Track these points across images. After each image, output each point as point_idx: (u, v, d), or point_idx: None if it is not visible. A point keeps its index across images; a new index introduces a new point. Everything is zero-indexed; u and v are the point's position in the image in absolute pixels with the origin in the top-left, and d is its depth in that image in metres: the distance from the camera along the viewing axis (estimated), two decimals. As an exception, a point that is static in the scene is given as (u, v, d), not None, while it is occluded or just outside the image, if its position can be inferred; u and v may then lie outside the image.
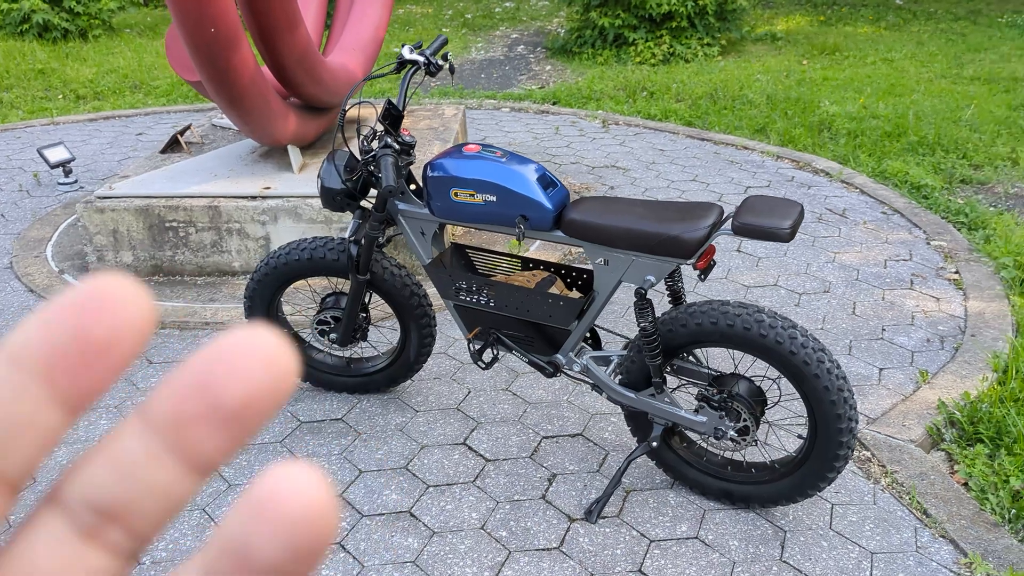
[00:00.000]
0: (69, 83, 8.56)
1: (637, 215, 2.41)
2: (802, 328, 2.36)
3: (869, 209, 5.24)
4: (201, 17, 3.31)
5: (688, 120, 7.27)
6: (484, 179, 2.51)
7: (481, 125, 7.16)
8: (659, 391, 2.55)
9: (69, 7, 10.24)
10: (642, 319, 2.47)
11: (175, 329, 3.79)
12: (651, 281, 2.45)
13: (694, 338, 2.45)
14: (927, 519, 2.64)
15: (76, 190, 5.55)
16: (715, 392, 2.49)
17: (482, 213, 2.55)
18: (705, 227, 2.32)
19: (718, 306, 2.41)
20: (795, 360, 2.33)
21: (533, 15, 13.22)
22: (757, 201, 2.33)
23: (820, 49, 10.17)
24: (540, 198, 2.47)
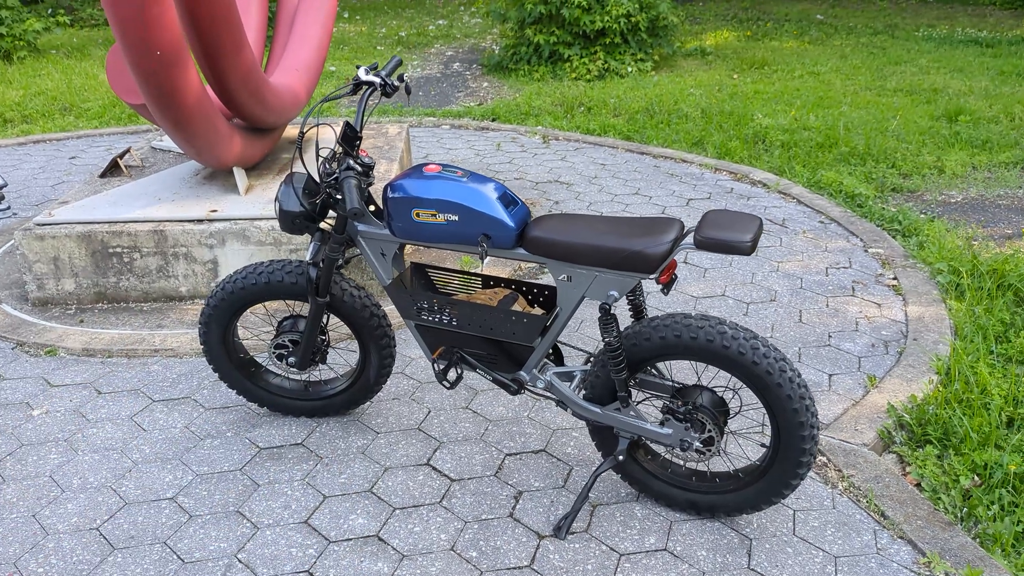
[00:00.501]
0: (-7, 106, 8.29)
1: (599, 231, 2.44)
2: (763, 339, 2.42)
3: (807, 219, 5.39)
4: (147, 41, 3.25)
5: (626, 135, 7.38)
6: (446, 199, 2.51)
7: (422, 143, 7.16)
8: (625, 405, 2.58)
9: (-9, 28, 9.93)
10: (607, 334, 2.49)
11: (123, 357, 3.69)
12: (614, 296, 2.48)
13: (658, 351, 2.48)
14: (885, 521, 2.71)
15: (9, 217, 5.37)
16: (679, 404, 2.52)
17: (444, 232, 2.55)
18: (667, 242, 2.36)
19: (681, 319, 2.45)
20: (757, 370, 2.38)
21: (467, 32, 13.28)
22: (718, 215, 2.38)
23: (749, 63, 10.43)
24: (502, 216, 2.49)
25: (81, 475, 2.91)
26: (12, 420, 3.23)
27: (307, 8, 5.21)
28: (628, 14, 9.66)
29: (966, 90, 8.70)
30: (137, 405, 3.32)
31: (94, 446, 3.07)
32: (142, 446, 3.07)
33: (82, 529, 2.64)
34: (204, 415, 3.25)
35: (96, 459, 2.99)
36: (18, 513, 2.72)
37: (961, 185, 6.01)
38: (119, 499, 2.78)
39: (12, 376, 3.54)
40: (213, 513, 2.71)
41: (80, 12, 14.13)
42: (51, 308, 4.13)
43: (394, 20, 14.48)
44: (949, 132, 7.09)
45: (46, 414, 3.26)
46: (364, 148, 5.15)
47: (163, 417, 3.25)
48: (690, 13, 15.37)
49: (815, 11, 15.57)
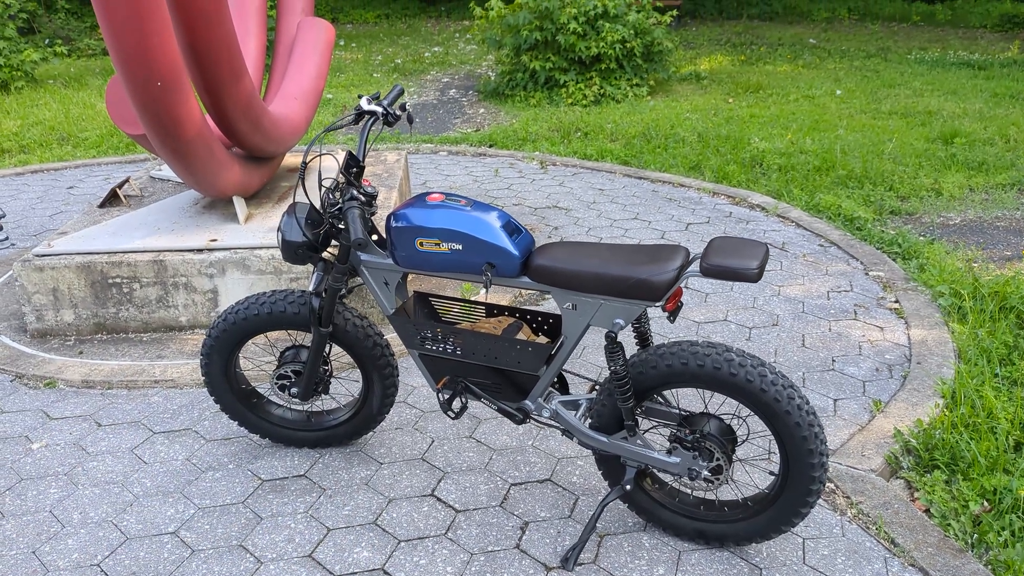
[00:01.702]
0: (-9, 136, 8.29)
1: (604, 259, 2.43)
2: (771, 366, 2.40)
3: (807, 242, 5.39)
4: (148, 71, 3.25)
5: (624, 159, 7.40)
6: (449, 228, 2.50)
7: (421, 169, 7.17)
8: (632, 434, 2.56)
9: (-12, 59, 9.97)
10: (613, 362, 2.48)
11: (123, 389, 3.66)
12: (620, 324, 2.46)
13: (665, 379, 2.46)
14: (895, 548, 2.69)
15: (7, 247, 5.36)
16: (687, 432, 2.50)
17: (448, 262, 2.54)
18: (673, 269, 2.35)
19: (687, 347, 2.43)
20: (765, 398, 2.36)
21: (462, 59, 13.35)
22: (723, 242, 2.37)
23: (744, 87, 10.49)
24: (506, 245, 2.48)
25: (81, 510, 2.87)
26: (11, 454, 3.19)
27: (305, 37, 5.23)
28: (623, 40, 9.72)
29: (960, 112, 8.75)
30: (138, 437, 3.29)
31: (94, 480, 3.03)
32: (143, 479, 3.03)
33: (83, 565, 2.60)
34: (205, 447, 3.22)
35: (97, 493, 2.96)
36: (18, 549, 2.68)
37: (959, 207, 6.02)
38: (120, 534, 2.75)
39: (11, 409, 3.51)
40: (216, 547, 2.68)
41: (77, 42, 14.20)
42: (50, 339, 4.11)
43: (390, 47, 14.56)
44: (945, 154, 7.12)
45: (45, 447, 3.23)
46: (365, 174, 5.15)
47: (164, 449, 3.21)
48: (684, 38, 15.49)
49: (808, 35, 15.70)
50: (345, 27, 18.34)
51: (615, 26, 9.60)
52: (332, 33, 5.33)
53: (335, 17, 19.20)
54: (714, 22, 18.21)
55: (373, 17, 19.70)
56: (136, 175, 5.32)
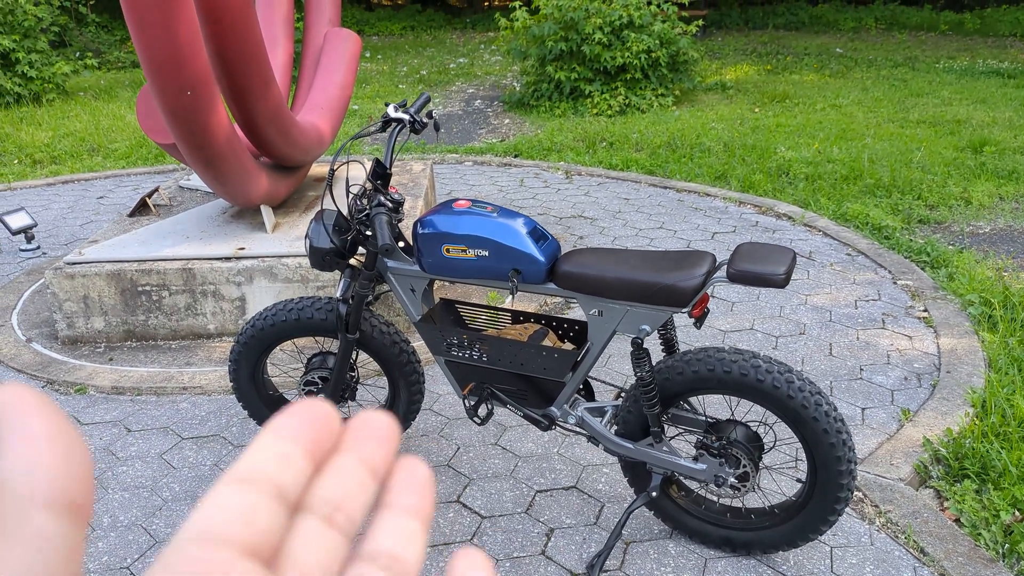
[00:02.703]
0: (24, 148, 8.43)
1: (631, 265, 2.43)
2: (798, 372, 2.39)
3: (834, 251, 5.36)
4: (178, 81, 3.30)
5: (649, 169, 7.40)
6: (476, 234, 2.51)
7: (446, 180, 7.21)
8: (658, 440, 2.55)
9: (22, 71, 10.14)
10: (639, 368, 2.47)
11: (152, 396, 3.70)
12: (646, 330, 2.46)
13: (691, 386, 2.46)
14: (925, 558, 2.66)
15: (39, 256, 5.44)
16: (713, 439, 2.49)
17: (475, 268, 2.55)
18: (700, 275, 2.34)
19: (714, 353, 2.43)
20: (793, 404, 2.35)
21: (487, 70, 13.41)
22: (750, 248, 2.37)
23: (770, 97, 10.45)
24: (533, 251, 2.48)
25: (111, 513, 2.90)
26: (43, 458, 3.24)
27: (332, 48, 5.28)
28: (648, 50, 9.72)
29: (990, 121, 8.66)
30: (167, 443, 3.33)
31: (124, 484, 3.07)
32: (172, 484, 3.06)
33: (113, 568, 2.63)
34: (233, 452, 3.25)
35: (126, 497, 2.99)
36: (49, 552, 2.71)
37: (988, 216, 5.96)
38: (149, 537, 2.77)
39: (43, 414, 3.56)
40: (243, 551, 2.70)
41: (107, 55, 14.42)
42: (81, 346, 4.17)
43: (415, 59, 14.66)
44: (975, 163, 7.05)
45: (76, 452, 3.27)
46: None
47: (192, 455, 3.24)
48: (710, 48, 15.47)
49: (834, 44, 15.62)
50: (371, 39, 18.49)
51: (640, 36, 9.61)
52: (359, 44, 5.38)
53: (361, 29, 19.36)
54: (740, 32, 18.17)
55: (399, 29, 19.85)
56: (165, 185, 5.39)
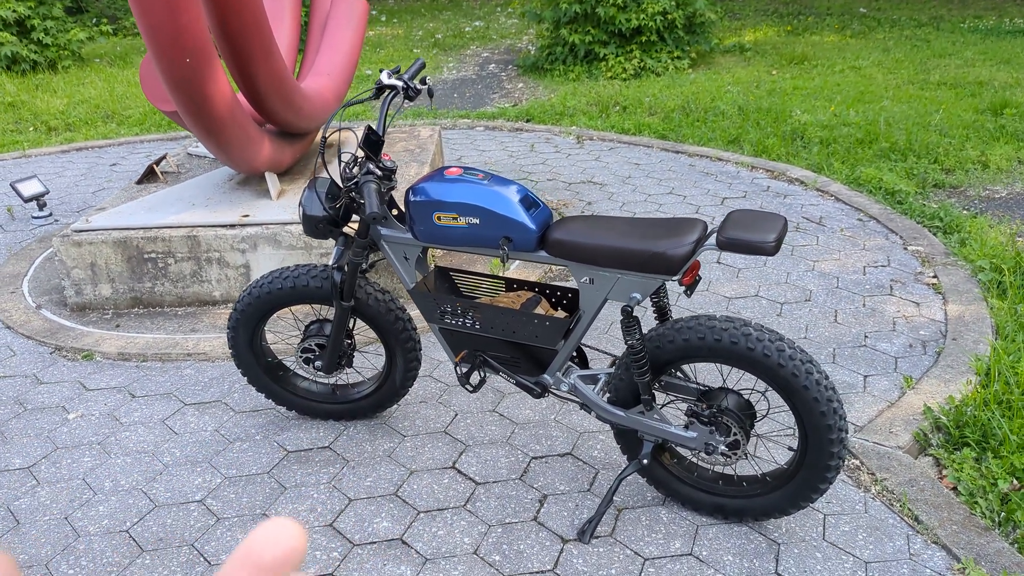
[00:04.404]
0: (40, 115, 8.48)
1: (621, 233, 2.41)
2: (789, 340, 2.37)
3: (845, 216, 5.29)
4: (176, 48, 3.30)
5: (662, 133, 7.32)
6: (466, 202, 2.50)
7: (456, 145, 7.17)
8: (648, 408, 2.55)
9: (37, 39, 10.16)
10: (629, 336, 2.47)
11: (157, 361, 3.75)
12: (637, 298, 2.45)
13: (682, 354, 2.45)
14: (919, 526, 2.65)
15: (51, 223, 5.49)
16: (704, 407, 2.49)
17: (465, 236, 2.54)
18: (690, 243, 2.32)
19: (705, 321, 2.41)
20: (783, 372, 2.34)
21: (503, 33, 13.28)
22: (741, 215, 2.34)
23: (788, 59, 10.29)
24: (523, 219, 2.47)
25: (113, 478, 2.95)
26: (48, 423, 3.29)
27: (338, 14, 5.24)
28: (664, 12, 9.58)
29: (1012, 82, 8.48)
30: (169, 409, 3.37)
31: (126, 449, 3.12)
32: (173, 449, 3.11)
33: (112, 531, 2.68)
34: (234, 418, 3.29)
35: (128, 462, 3.04)
36: (51, 515, 2.77)
37: (1006, 180, 5.86)
38: (149, 501, 2.82)
39: (49, 380, 3.61)
40: (240, 516, 2.74)
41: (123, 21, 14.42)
42: (89, 313, 4.21)
43: (430, 23, 14.54)
44: (994, 126, 6.92)
45: (81, 417, 3.32)
46: (395, 151, 5.17)
47: (194, 420, 3.29)
48: (729, 9, 15.21)
49: (858, 4, 15.32)
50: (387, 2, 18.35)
51: (656, -2, 9.47)
52: (365, 8, 5.34)
53: (378, -7, 19.20)
54: (761, -8, 17.83)
55: (415, -8, 19.65)
56: (173, 152, 5.41)
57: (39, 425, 3.29)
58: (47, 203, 5.62)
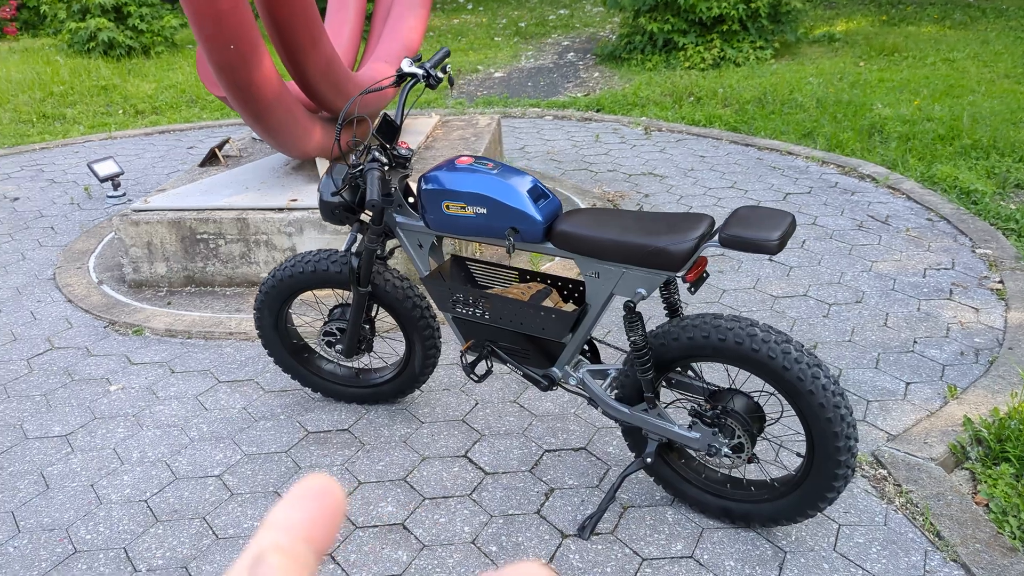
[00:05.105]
0: (130, 98, 8.84)
1: (625, 227, 2.37)
2: (796, 343, 2.29)
3: (914, 216, 5.07)
4: (220, 35, 3.38)
5: (733, 125, 7.15)
6: (474, 191, 2.50)
7: (522, 133, 7.16)
8: (651, 406, 2.50)
9: (133, 25, 10.59)
10: (632, 333, 2.42)
11: (200, 339, 3.87)
12: (642, 294, 2.40)
13: (686, 352, 2.39)
14: (939, 542, 2.53)
15: (124, 203, 5.72)
16: (708, 408, 2.43)
17: (473, 225, 2.54)
18: (692, 239, 2.26)
19: (710, 319, 2.35)
20: (788, 376, 2.26)
21: (587, 22, 13.17)
22: (747, 212, 2.27)
23: (879, 50, 9.89)
24: (530, 210, 2.45)
25: (141, 449, 3.07)
26: (91, 394, 3.44)
27: (401, 2, 5.29)
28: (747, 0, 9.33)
29: (1119, 77, 7.96)
30: (204, 385, 3.48)
31: (158, 422, 3.23)
32: (201, 424, 3.21)
33: (132, 500, 2.79)
34: (263, 397, 3.37)
35: (158, 435, 3.15)
36: (79, 482, 2.89)
37: (1095, 181, 5.51)
38: (171, 474, 2.92)
39: (99, 353, 3.78)
40: (253, 492, 2.81)
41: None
42: (145, 290, 4.38)
43: (515, 11, 14.53)
44: (1090, 123, 6.51)
45: (121, 390, 3.46)
46: (451, 138, 5.20)
47: (225, 397, 3.38)
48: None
49: (962, -7, 14.59)
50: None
51: (739, -14, 9.23)
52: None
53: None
54: (861, -19, 17.17)
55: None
56: (238, 136, 5.56)
57: (82, 395, 3.44)
58: (121, 183, 5.86)
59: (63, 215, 5.57)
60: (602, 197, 5.55)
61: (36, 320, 4.12)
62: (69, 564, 2.53)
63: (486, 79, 9.62)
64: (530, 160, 6.41)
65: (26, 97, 8.85)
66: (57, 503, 2.79)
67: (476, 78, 9.70)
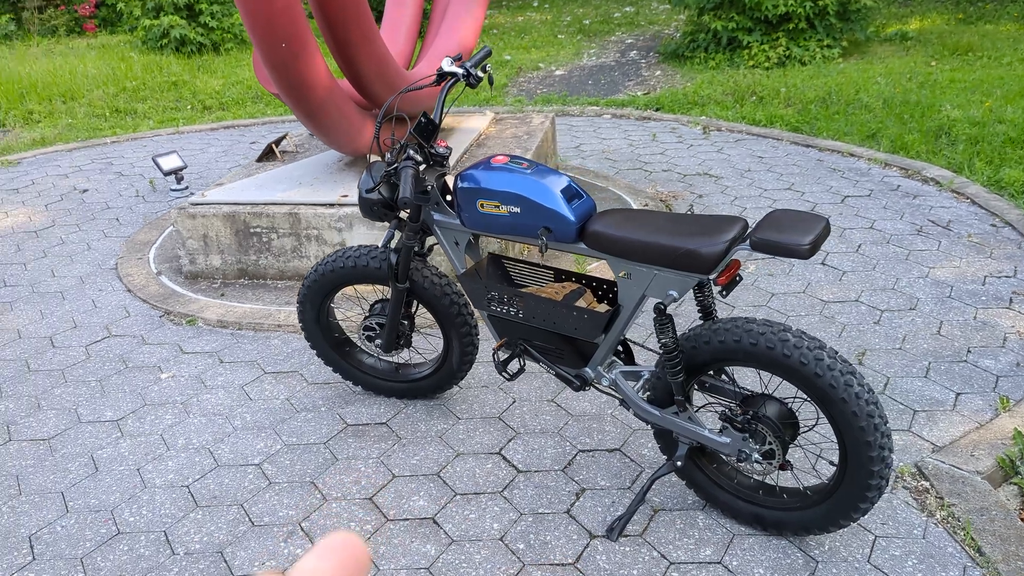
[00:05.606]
0: (198, 94, 9.08)
1: (657, 228, 2.35)
2: (830, 349, 2.25)
3: (978, 221, 4.92)
4: (273, 34, 3.46)
5: (795, 126, 7.02)
6: (508, 190, 2.51)
7: (578, 132, 7.15)
8: (682, 409, 2.48)
9: (204, 22, 10.87)
10: (662, 335, 2.41)
11: (250, 331, 3.96)
12: (673, 296, 2.38)
13: (717, 356, 2.37)
14: (980, 558, 2.46)
15: (187, 196, 5.88)
16: (739, 413, 2.40)
17: (507, 224, 2.55)
18: (724, 241, 2.24)
19: (743, 323, 2.32)
20: (820, 382, 2.22)
21: (652, 19, 13.07)
22: (781, 215, 2.24)
23: (952, 49, 9.60)
24: (563, 210, 2.45)
25: (187, 436, 3.16)
26: (143, 381, 3.55)
27: (459, 1, 5.32)
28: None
29: None
30: (250, 375, 3.56)
31: (204, 410, 3.32)
32: (244, 414, 3.29)
33: (175, 485, 2.87)
34: (305, 389, 3.44)
35: (203, 423, 3.24)
36: (126, 466, 2.99)
37: None
38: (213, 461, 3.00)
39: (153, 341, 3.90)
40: (290, 482, 2.87)
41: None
42: (200, 281, 4.50)
43: (580, 8, 14.48)
44: None
45: (172, 378, 3.57)
46: (504, 137, 5.22)
47: (270, 388, 3.46)
48: (898, -5, 14.31)
49: (1046, -10, 14.05)
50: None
51: (806, -17, 9.05)
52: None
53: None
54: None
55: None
56: (296, 133, 5.67)
57: (135, 382, 3.55)
58: (184, 177, 6.02)
59: (128, 207, 5.76)
60: (655, 197, 5.51)
61: (96, 308, 4.26)
62: (112, 544, 2.62)
63: (546, 77, 9.62)
64: (584, 159, 6.39)
65: (100, 92, 9.16)
66: (104, 485, 2.89)
67: (536, 76, 9.70)
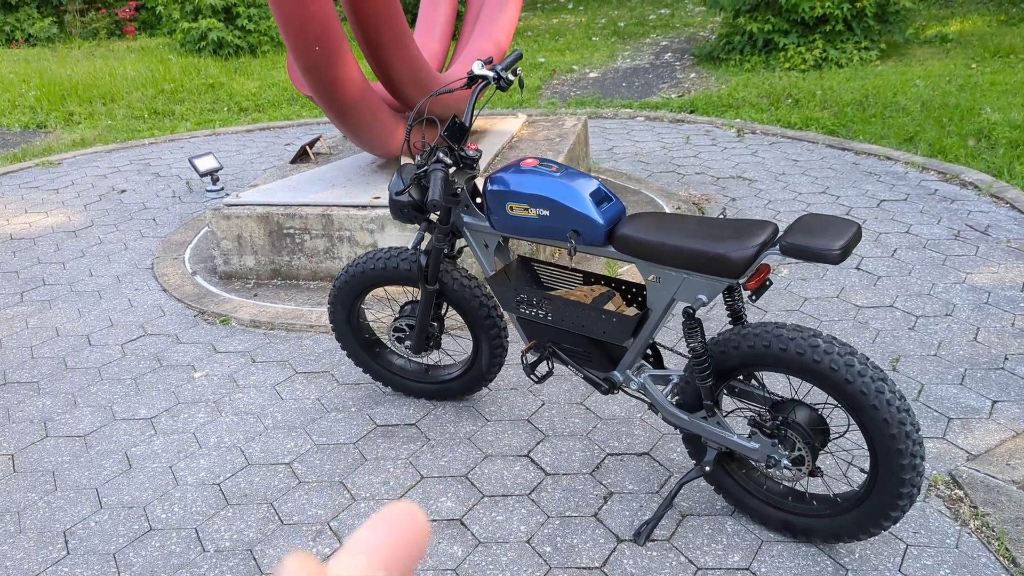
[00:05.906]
0: (235, 96, 9.19)
1: (687, 232, 2.34)
2: (861, 355, 2.22)
3: (1017, 226, 4.83)
4: (305, 36, 3.49)
5: (831, 129, 6.95)
6: (538, 193, 2.51)
7: (611, 134, 7.13)
8: (710, 414, 2.47)
9: (242, 25, 11.00)
10: (691, 339, 2.40)
11: (282, 331, 4.00)
12: (702, 300, 2.37)
13: (746, 361, 2.35)
14: (1015, 568, 2.41)
15: (222, 197, 5.95)
16: (769, 418, 2.38)
17: (536, 227, 2.55)
18: (754, 246, 2.22)
19: (772, 328, 2.30)
20: (851, 389, 2.20)
21: (687, 22, 13.00)
22: (811, 220, 2.22)
23: (994, 51, 9.44)
24: (592, 213, 2.45)
25: (218, 435, 3.20)
26: (176, 380, 3.61)
27: (492, 4, 5.34)
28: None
29: None
30: (282, 375, 3.60)
31: (236, 409, 3.36)
32: (276, 413, 3.32)
33: (206, 483, 2.91)
34: (336, 389, 3.47)
35: (235, 421, 3.28)
36: (159, 463, 3.04)
37: None
38: (244, 459, 3.04)
39: (187, 340, 3.95)
40: (319, 481, 2.90)
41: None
42: (234, 281, 4.55)
43: (615, 10, 14.45)
44: None
45: (205, 377, 3.61)
46: (536, 140, 5.22)
47: (301, 388, 3.49)
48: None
49: (1091, -9, 13.77)
50: (578, -9, 18.37)
51: (843, -15, 8.95)
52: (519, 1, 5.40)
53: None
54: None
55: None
56: (330, 135, 5.72)
57: (169, 380, 3.61)
58: (220, 178, 6.10)
59: (165, 208, 5.84)
60: (688, 200, 5.48)
61: (132, 307, 4.33)
62: (144, 541, 2.66)
63: (580, 79, 9.61)
64: (617, 161, 6.38)
65: (139, 94, 9.30)
66: (137, 482, 2.94)
67: (570, 78, 9.69)
